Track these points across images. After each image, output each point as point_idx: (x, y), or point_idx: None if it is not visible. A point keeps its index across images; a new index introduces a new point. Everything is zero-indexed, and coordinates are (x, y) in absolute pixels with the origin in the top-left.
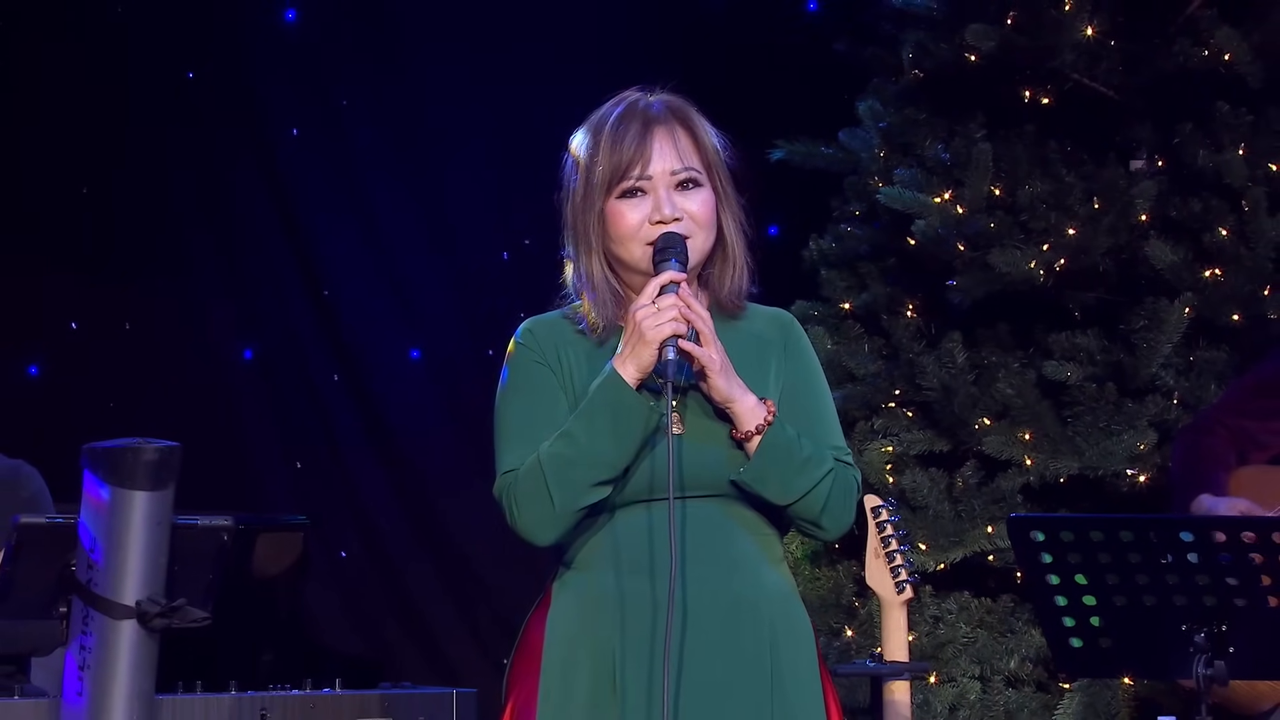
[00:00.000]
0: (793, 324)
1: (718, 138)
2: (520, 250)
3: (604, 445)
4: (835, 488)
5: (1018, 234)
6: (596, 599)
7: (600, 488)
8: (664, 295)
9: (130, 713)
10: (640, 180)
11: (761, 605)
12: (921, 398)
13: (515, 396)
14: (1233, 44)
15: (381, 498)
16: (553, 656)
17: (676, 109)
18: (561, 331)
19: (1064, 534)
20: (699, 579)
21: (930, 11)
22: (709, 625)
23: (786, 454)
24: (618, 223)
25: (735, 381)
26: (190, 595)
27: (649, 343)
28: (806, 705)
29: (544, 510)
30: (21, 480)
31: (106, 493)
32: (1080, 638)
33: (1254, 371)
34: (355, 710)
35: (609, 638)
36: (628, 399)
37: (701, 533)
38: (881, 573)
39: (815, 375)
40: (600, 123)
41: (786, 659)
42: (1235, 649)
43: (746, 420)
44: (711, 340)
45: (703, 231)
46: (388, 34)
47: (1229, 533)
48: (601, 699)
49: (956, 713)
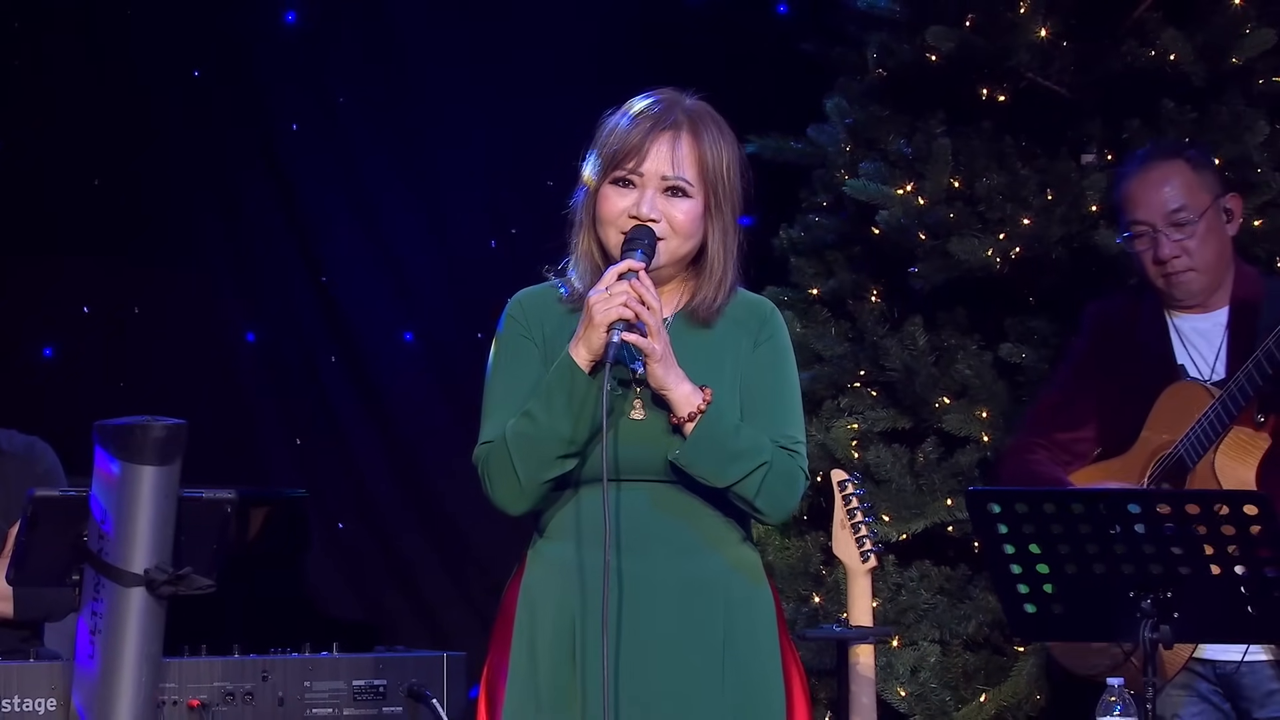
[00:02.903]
0: (772, 314)
1: (730, 151)
2: (508, 238)
3: (560, 423)
4: (771, 476)
5: (975, 224)
6: (561, 568)
7: (562, 461)
8: (619, 282)
9: (139, 674)
10: (632, 174)
11: (714, 582)
12: (885, 378)
13: (499, 369)
14: (1177, 45)
15: (377, 472)
16: (523, 621)
17: (693, 118)
18: (546, 302)
19: (1019, 506)
20: (655, 556)
21: (893, 14)
22: (663, 598)
23: (719, 441)
24: (603, 205)
25: (673, 371)
26: (196, 564)
27: (596, 326)
28: (762, 670)
29: (511, 483)
30: (36, 456)
31: (117, 467)
32: (1034, 604)
33: (1043, 396)
34: (352, 672)
35: (570, 605)
36: (579, 380)
37: (651, 513)
38: (847, 543)
39: (781, 364)
40: (625, 109)
41: (741, 627)
42: (1180, 614)
43: (681, 407)
44: (656, 331)
45: (678, 238)
46: (383, 34)
47: (1174, 505)
48: (563, 662)
49: (918, 675)
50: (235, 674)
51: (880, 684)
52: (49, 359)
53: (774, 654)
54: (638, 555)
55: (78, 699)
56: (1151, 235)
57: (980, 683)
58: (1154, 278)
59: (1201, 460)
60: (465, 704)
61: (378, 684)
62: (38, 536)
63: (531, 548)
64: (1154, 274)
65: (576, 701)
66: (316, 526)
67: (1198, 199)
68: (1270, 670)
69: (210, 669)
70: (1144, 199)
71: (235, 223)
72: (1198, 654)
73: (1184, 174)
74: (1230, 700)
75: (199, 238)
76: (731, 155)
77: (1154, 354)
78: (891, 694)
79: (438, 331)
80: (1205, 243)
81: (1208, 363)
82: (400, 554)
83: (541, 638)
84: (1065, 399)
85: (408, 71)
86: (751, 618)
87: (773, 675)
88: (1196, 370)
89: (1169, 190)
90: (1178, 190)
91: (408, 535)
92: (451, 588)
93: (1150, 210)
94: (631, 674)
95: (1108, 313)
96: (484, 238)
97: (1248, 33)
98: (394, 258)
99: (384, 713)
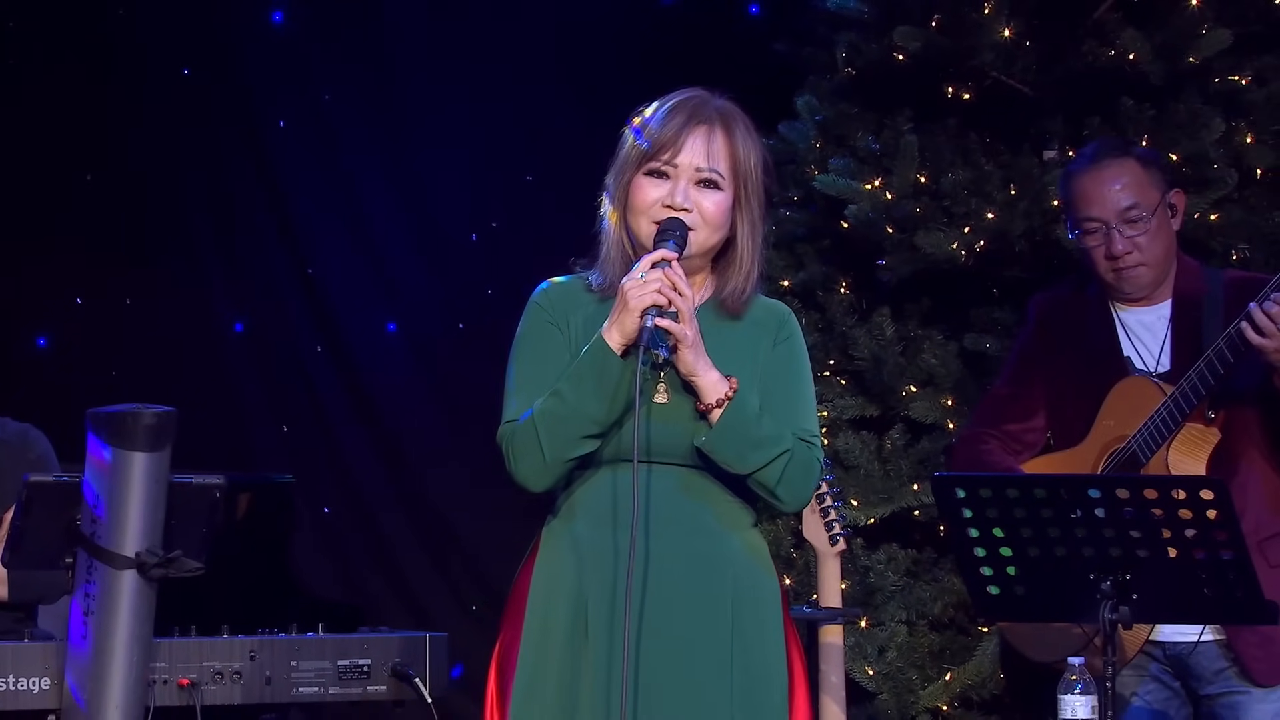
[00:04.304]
0: (790, 319)
1: (757, 151)
2: (488, 233)
3: (589, 404)
4: (792, 465)
5: (941, 218)
6: (574, 548)
7: (587, 441)
8: (653, 270)
9: (130, 654)
10: (667, 165)
11: (725, 565)
12: (854, 367)
13: (523, 352)
14: (1137, 45)
15: (361, 458)
16: (536, 599)
17: (725, 115)
18: (574, 293)
19: (983, 491)
20: (667, 538)
21: (862, 15)
22: (673, 580)
23: (744, 428)
24: (637, 195)
25: (703, 358)
26: (185, 547)
27: (631, 311)
28: (767, 658)
29: (536, 460)
30: (29, 442)
31: (108, 454)
32: (997, 585)
33: (993, 388)
34: (337, 652)
35: (581, 584)
36: (611, 362)
37: (675, 495)
38: (817, 527)
39: (798, 364)
40: (661, 103)
41: (749, 614)
42: (1138, 595)
43: (709, 393)
44: (688, 318)
45: (707, 228)
46: (367, 34)
47: (1133, 491)
48: (575, 640)
49: (885, 654)
50: (224, 654)
51: (849, 663)
52: (42, 348)
53: (778, 638)
54: (650, 536)
55: (71, 678)
56: (1105, 232)
57: (946, 662)
58: (1104, 273)
59: (1154, 456)
60: (447, 683)
61: (362, 664)
62: (32, 521)
63: (546, 527)
64: (1105, 269)
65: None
66: (302, 511)
67: (1149, 196)
68: (1218, 650)
69: (200, 649)
70: (1097, 196)
71: (224, 217)
72: (1152, 636)
73: (1135, 172)
74: (1180, 679)
75: (189, 231)
76: (760, 153)
77: (1100, 346)
78: (860, 673)
79: (420, 322)
80: (1155, 238)
81: (1153, 355)
82: (383, 538)
83: (555, 616)
84: (1014, 390)
85: (391, 71)
86: (759, 601)
87: (776, 659)
88: (1142, 362)
89: (1121, 188)
90: (1130, 188)
91: (391, 519)
92: (433, 571)
93: (1104, 207)
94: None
95: (1053, 304)
96: (465, 231)
97: (1204, 33)
98: (378, 251)
99: (368, 691)
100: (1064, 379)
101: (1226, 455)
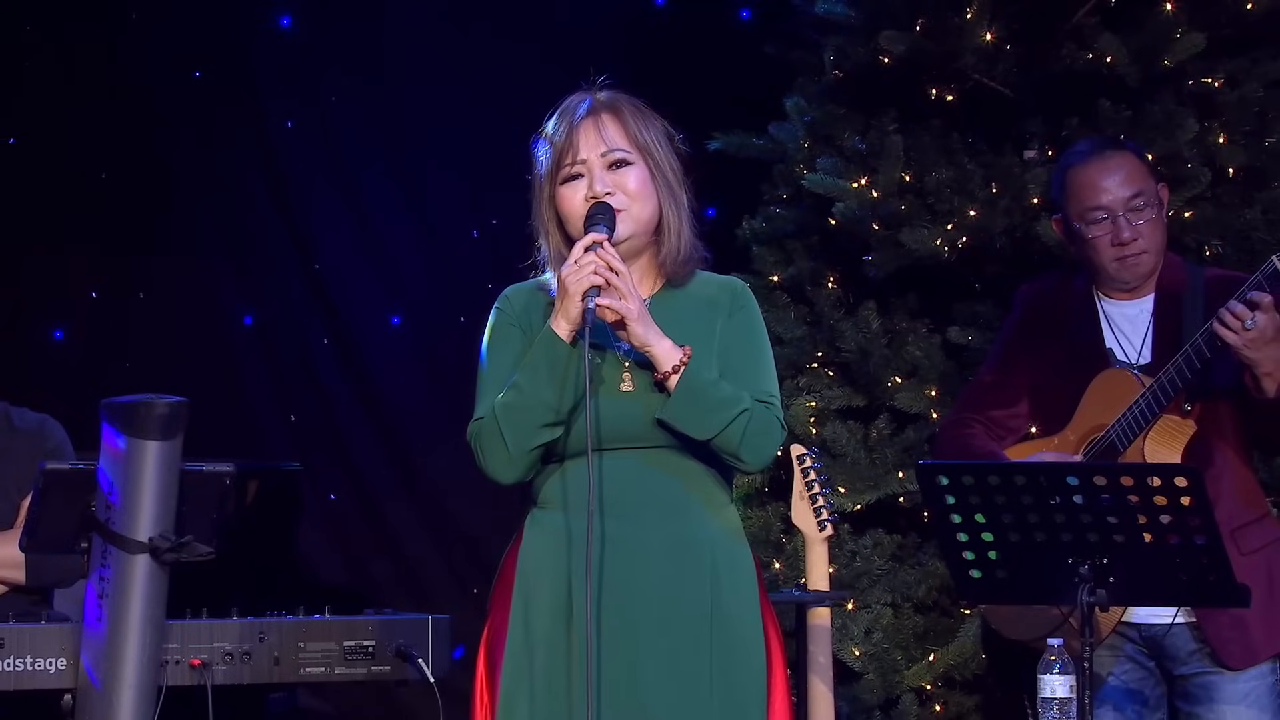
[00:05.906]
0: (743, 291)
1: (655, 123)
2: (489, 229)
3: (544, 391)
4: (752, 424)
5: (925, 215)
6: (554, 535)
7: (546, 430)
8: (586, 254)
9: (143, 636)
10: (575, 165)
11: (703, 545)
12: (841, 359)
13: (489, 354)
14: (1114, 48)
15: (366, 446)
16: (521, 585)
17: (604, 102)
18: (534, 298)
19: (965, 478)
20: (644, 521)
21: (849, 19)
22: (652, 562)
23: (701, 392)
24: (565, 204)
25: (652, 328)
26: (196, 532)
27: (572, 296)
28: (746, 636)
29: (501, 453)
30: (46, 432)
31: (123, 442)
32: (979, 569)
33: (978, 375)
34: (343, 634)
35: (563, 570)
36: (559, 349)
37: (651, 478)
38: (805, 513)
39: (754, 331)
40: (550, 115)
41: (727, 593)
42: (1115, 579)
43: (663, 362)
44: (629, 293)
45: (636, 203)
46: (372, 38)
47: (1110, 478)
48: (559, 623)
49: (871, 635)
50: (234, 635)
51: (836, 644)
52: (59, 341)
53: (755, 615)
54: (628, 520)
55: (86, 659)
56: (1112, 220)
57: (929, 643)
58: (1108, 262)
59: (1131, 445)
60: (449, 663)
61: (367, 645)
62: (49, 507)
63: (528, 516)
64: (1110, 257)
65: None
66: (309, 498)
67: (1150, 185)
68: (1191, 632)
69: (210, 630)
70: (1105, 186)
71: (234, 214)
72: (1125, 618)
73: (1135, 163)
74: (1155, 659)
75: (200, 228)
76: (654, 122)
77: (1083, 338)
78: (846, 654)
79: (423, 315)
80: (1156, 227)
81: (1134, 348)
82: (387, 523)
83: (537, 601)
84: (999, 378)
85: (395, 73)
86: (736, 579)
87: (754, 636)
88: (1124, 354)
89: (1126, 177)
90: (1134, 177)
91: (394, 506)
92: (435, 555)
93: (1112, 196)
94: (620, 635)
95: (1039, 295)
96: (466, 228)
97: (1179, 37)
98: (382, 247)
99: (373, 671)
100: (1047, 368)
101: (1202, 447)
